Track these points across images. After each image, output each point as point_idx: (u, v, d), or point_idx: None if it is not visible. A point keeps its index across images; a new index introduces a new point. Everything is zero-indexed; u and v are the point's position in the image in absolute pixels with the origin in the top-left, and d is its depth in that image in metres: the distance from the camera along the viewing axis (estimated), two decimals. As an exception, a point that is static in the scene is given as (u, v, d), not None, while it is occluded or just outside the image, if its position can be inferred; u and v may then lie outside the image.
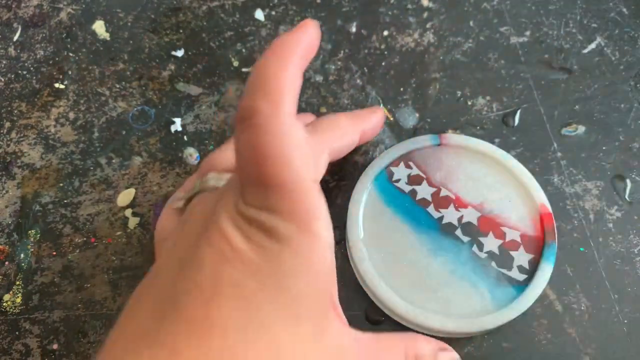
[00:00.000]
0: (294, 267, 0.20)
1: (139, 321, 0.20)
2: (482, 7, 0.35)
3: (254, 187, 0.20)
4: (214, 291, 0.19)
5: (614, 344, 0.26)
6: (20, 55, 0.35)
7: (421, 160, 0.29)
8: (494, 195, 0.28)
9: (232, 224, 0.20)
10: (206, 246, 0.20)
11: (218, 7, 0.36)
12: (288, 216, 0.20)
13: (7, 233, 0.31)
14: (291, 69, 0.21)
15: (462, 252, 0.27)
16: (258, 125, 0.20)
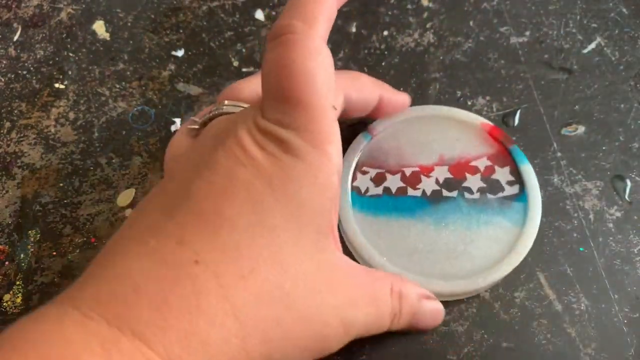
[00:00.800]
0: (303, 179, 0.20)
1: (149, 214, 0.21)
2: (482, 7, 0.35)
3: (275, 101, 0.21)
4: (225, 189, 0.20)
5: (614, 344, 0.26)
6: (20, 55, 0.35)
7: (370, 160, 0.29)
8: (444, 144, 0.29)
9: (249, 133, 0.21)
10: (221, 151, 0.21)
11: (218, 7, 0.36)
12: (304, 134, 0.20)
13: (7, 233, 0.31)
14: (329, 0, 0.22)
15: (460, 207, 0.28)
16: (290, 40, 0.20)
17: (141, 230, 0.20)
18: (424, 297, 0.25)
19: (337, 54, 0.34)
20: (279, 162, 0.20)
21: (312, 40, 0.21)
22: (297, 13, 0.21)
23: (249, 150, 0.21)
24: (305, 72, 0.20)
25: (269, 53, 0.21)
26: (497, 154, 0.29)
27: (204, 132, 0.25)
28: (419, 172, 0.28)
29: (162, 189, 0.22)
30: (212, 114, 0.26)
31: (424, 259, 0.27)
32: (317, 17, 0.21)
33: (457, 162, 0.29)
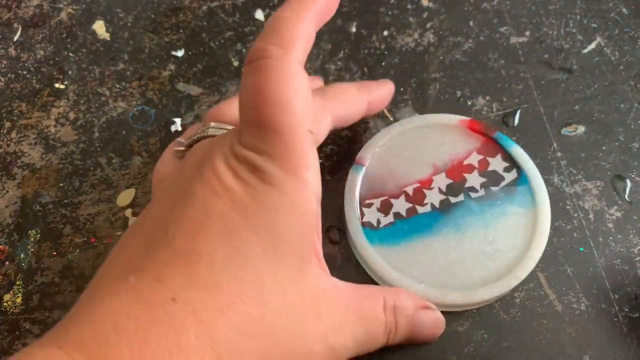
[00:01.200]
0: (279, 207, 0.20)
1: (130, 250, 0.21)
2: (482, 7, 0.35)
3: (251, 127, 0.21)
4: (202, 223, 0.20)
5: (614, 344, 0.26)
6: (20, 55, 0.35)
7: (370, 191, 0.29)
8: (432, 153, 0.29)
9: (224, 161, 0.21)
10: (198, 182, 0.21)
11: (218, 7, 0.36)
12: (279, 161, 0.20)
13: (7, 233, 0.31)
14: (307, 21, 0.21)
15: (471, 208, 0.28)
16: (265, 66, 0.20)
17: (122, 266, 0.20)
18: (422, 308, 0.25)
19: (337, 54, 0.34)
20: (254, 192, 0.20)
21: (288, 65, 0.20)
22: (273, 37, 0.21)
23: (224, 179, 0.20)
24: (281, 98, 0.20)
25: (245, 78, 0.21)
26: (484, 146, 0.29)
27: (187, 156, 0.25)
28: (420, 187, 0.28)
29: (141, 219, 0.23)
30: (197, 136, 0.26)
31: (460, 270, 0.26)
32: (293, 40, 0.21)
33: (451, 166, 0.29)
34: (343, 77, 0.33)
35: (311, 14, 0.22)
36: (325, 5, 0.22)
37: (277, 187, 0.20)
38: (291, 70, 0.20)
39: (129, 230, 0.23)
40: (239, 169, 0.21)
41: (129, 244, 0.22)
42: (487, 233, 0.27)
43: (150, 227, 0.21)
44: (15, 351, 0.28)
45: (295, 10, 0.21)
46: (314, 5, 0.22)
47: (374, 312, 0.23)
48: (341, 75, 0.33)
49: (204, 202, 0.20)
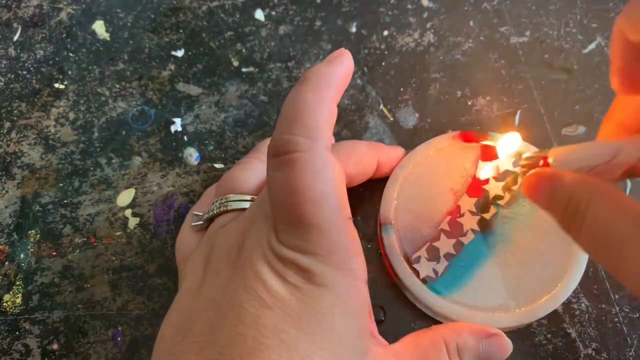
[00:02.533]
0: (333, 310, 0.19)
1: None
2: (482, 7, 0.35)
3: (289, 225, 0.20)
4: (257, 341, 0.19)
5: (614, 344, 0.26)
6: (20, 55, 0.35)
7: (411, 245, 0.27)
8: (445, 179, 0.29)
9: (267, 264, 0.20)
10: (243, 290, 0.20)
11: (218, 7, 0.36)
12: (325, 258, 0.19)
13: (7, 233, 0.31)
14: (330, 101, 0.20)
15: (506, 216, 0.27)
16: (295, 161, 0.19)
17: None
18: (486, 337, 0.24)
19: (337, 54, 0.34)
20: (305, 297, 0.19)
21: (319, 156, 0.19)
22: (297, 126, 0.20)
23: (271, 286, 0.19)
24: (317, 194, 0.19)
25: (275, 173, 0.20)
26: (485, 152, 0.29)
27: (212, 241, 0.23)
28: (452, 218, 0.28)
29: (186, 326, 0.21)
30: (217, 210, 0.25)
31: (533, 280, 0.26)
32: (320, 127, 0.20)
33: (467, 184, 0.28)
34: (343, 77, 0.33)
35: (332, 92, 0.21)
36: (344, 78, 0.21)
37: (328, 287, 0.19)
38: (323, 160, 0.19)
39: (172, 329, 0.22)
40: (285, 273, 0.20)
41: (178, 355, 0.20)
42: (533, 233, 0.27)
43: (200, 341, 0.20)
44: (15, 351, 0.28)
45: (315, 92, 0.20)
46: (334, 82, 0.21)
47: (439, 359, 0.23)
48: (341, 75, 0.33)
49: (255, 316, 0.19)
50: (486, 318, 0.26)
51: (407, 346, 0.23)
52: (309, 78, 0.21)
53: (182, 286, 0.23)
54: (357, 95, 0.33)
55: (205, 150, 0.32)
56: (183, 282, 0.24)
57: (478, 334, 0.24)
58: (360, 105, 0.32)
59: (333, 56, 0.21)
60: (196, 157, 0.32)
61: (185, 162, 0.32)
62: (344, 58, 0.21)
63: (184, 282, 0.23)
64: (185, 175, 0.31)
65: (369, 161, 0.27)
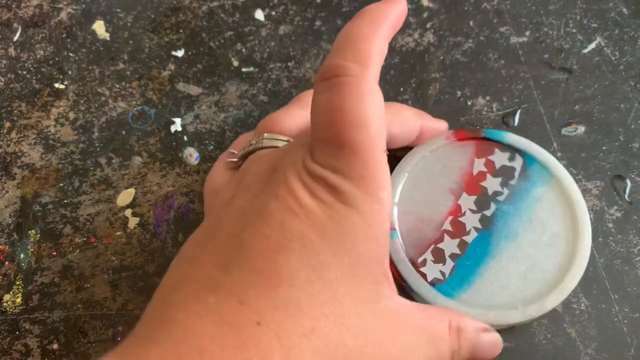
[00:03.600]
0: (358, 229, 0.20)
1: (201, 267, 0.20)
2: (482, 7, 0.35)
3: (326, 146, 0.20)
4: (281, 243, 0.20)
5: (614, 344, 0.26)
6: (20, 55, 0.35)
7: (416, 249, 0.27)
8: (442, 180, 0.28)
9: (299, 179, 0.20)
10: (273, 199, 0.20)
11: (218, 7, 0.36)
12: (357, 181, 0.20)
13: (7, 233, 0.31)
14: (383, 35, 0.21)
15: (508, 212, 0.28)
16: (344, 83, 0.20)
17: (197, 284, 0.20)
18: (482, 330, 0.24)
19: (337, 54, 0.34)
20: (332, 212, 0.20)
21: (366, 83, 0.20)
22: (350, 52, 0.20)
23: (301, 198, 0.20)
24: (360, 118, 0.20)
25: (320, 94, 0.20)
26: (479, 148, 0.29)
27: (246, 167, 0.24)
28: (454, 218, 0.28)
29: (210, 234, 0.22)
30: (252, 147, 0.25)
31: (540, 273, 0.26)
32: (371, 57, 0.20)
33: (465, 182, 0.28)
34: (343, 77, 0.33)
35: (386, 27, 0.21)
36: (399, 16, 0.22)
37: (356, 208, 0.20)
38: (370, 88, 0.20)
39: (193, 241, 0.22)
40: (316, 188, 0.20)
41: (199, 257, 0.21)
42: (534, 225, 0.27)
43: (222, 242, 0.21)
44: (15, 351, 0.28)
45: (370, 25, 0.21)
46: (389, 18, 0.21)
47: (442, 332, 0.23)
48: (341, 75, 0.33)
49: (282, 222, 0.20)
50: (498, 316, 0.26)
51: (415, 306, 0.23)
52: (365, 12, 0.21)
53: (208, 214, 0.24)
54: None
55: (205, 150, 0.32)
56: (210, 209, 0.24)
57: (477, 325, 0.24)
58: (360, 105, 0.32)
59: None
60: (196, 157, 0.32)
61: (185, 162, 0.32)
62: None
63: (212, 208, 0.24)
64: (185, 175, 0.31)
65: (413, 125, 0.28)
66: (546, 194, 0.28)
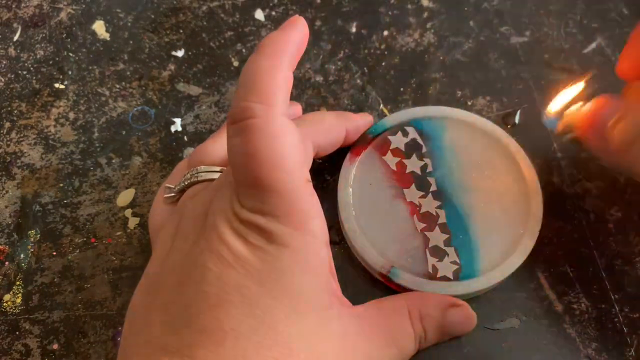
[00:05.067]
0: (293, 267, 0.20)
1: (151, 332, 0.21)
2: (482, 7, 0.35)
3: (248, 189, 0.20)
4: (220, 298, 0.20)
5: (614, 344, 0.26)
6: (20, 55, 0.35)
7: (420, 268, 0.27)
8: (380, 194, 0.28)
9: (230, 227, 0.21)
10: (207, 252, 0.21)
11: (218, 7, 0.36)
12: (284, 219, 0.20)
13: (7, 233, 0.31)
14: (283, 68, 0.21)
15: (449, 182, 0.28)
16: (251, 127, 0.20)
17: (149, 346, 0.20)
18: (450, 307, 0.25)
19: (337, 54, 0.34)
20: (265, 256, 0.20)
21: (274, 121, 0.20)
22: (253, 93, 0.20)
23: (233, 247, 0.20)
24: (273, 157, 0.20)
25: (232, 139, 0.21)
26: (377, 147, 0.29)
27: (182, 207, 0.24)
28: (417, 213, 0.27)
29: (154, 289, 0.22)
30: (187, 182, 0.25)
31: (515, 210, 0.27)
32: (274, 93, 0.20)
33: (396, 181, 0.28)
34: (343, 77, 0.33)
35: (286, 59, 0.21)
36: (298, 45, 0.22)
37: (287, 246, 0.20)
38: (278, 125, 0.20)
39: (141, 295, 0.23)
40: (246, 234, 0.20)
41: (148, 317, 0.21)
42: (470, 164, 0.28)
43: (166, 301, 0.21)
44: (15, 351, 0.28)
45: (269, 58, 0.21)
46: (287, 48, 0.21)
47: (402, 327, 0.23)
48: (341, 75, 0.33)
49: (219, 276, 0.20)
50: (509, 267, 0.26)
51: (370, 309, 0.23)
52: (263, 46, 0.21)
53: (152, 256, 0.24)
54: (357, 95, 0.33)
55: (205, 150, 0.32)
56: (154, 252, 0.24)
57: (441, 304, 0.25)
58: (360, 105, 0.32)
59: (287, 23, 0.22)
60: (196, 157, 0.32)
61: (185, 162, 0.32)
62: (298, 24, 0.22)
63: (155, 252, 0.24)
64: (185, 175, 0.31)
65: (338, 130, 0.28)
66: (452, 134, 0.29)
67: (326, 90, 0.33)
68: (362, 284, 0.28)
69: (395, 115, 0.30)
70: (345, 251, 0.28)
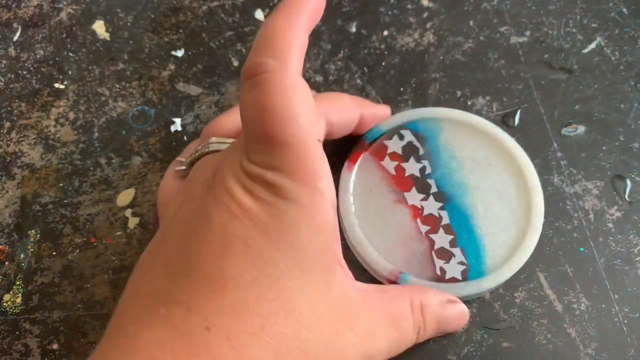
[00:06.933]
0: (299, 222, 0.20)
1: (152, 281, 0.21)
2: (482, 7, 0.35)
3: (258, 144, 0.20)
4: (224, 247, 0.20)
5: (614, 344, 0.26)
6: (20, 55, 0.35)
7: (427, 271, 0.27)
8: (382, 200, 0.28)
9: (237, 181, 0.21)
10: (213, 204, 0.21)
11: (218, 7, 0.36)
12: (293, 174, 0.20)
13: (7, 233, 0.31)
14: (299, 28, 0.21)
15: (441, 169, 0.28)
16: (265, 81, 0.20)
17: (148, 296, 0.20)
18: (447, 302, 0.25)
19: (337, 54, 0.34)
20: (272, 209, 0.20)
21: (287, 77, 0.20)
22: (268, 49, 0.20)
23: (241, 200, 0.20)
24: (286, 112, 0.20)
25: (245, 94, 0.21)
26: (375, 153, 0.29)
27: (192, 175, 0.24)
28: (420, 216, 0.27)
29: (158, 246, 0.22)
30: (198, 153, 0.25)
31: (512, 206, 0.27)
32: (289, 51, 0.20)
33: (396, 185, 0.28)
34: (343, 77, 0.33)
35: (302, 20, 0.21)
36: (315, 8, 0.22)
37: (294, 201, 0.20)
38: (292, 81, 0.20)
39: (146, 255, 0.23)
40: (254, 188, 0.20)
41: (150, 271, 0.21)
42: (468, 163, 0.28)
43: (170, 254, 0.21)
44: (15, 351, 0.28)
45: (286, 18, 0.21)
46: (304, 10, 0.21)
47: (403, 312, 0.23)
48: (341, 75, 0.33)
49: (223, 226, 0.20)
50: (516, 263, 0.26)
51: (372, 288, 0.23)
52: (281, 6, 0.21)
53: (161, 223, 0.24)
54: (357, 95, 0.33)
55: (205, 150, 0.32)
56: (163, 219, 0.24)
57: (440, 297, 0.25)
58: (360, 105, 0.32)
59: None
60: (196, 157, 0.32)
61: (185, 162, 0.32)
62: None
63: (164, 217, 0.24)
64: (185, 175, 0.31)
65: (352, 112, 0.28)
66: (448, 134, 0.29)
67: (326, 90, 0.33)
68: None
69: (391, 120, 0.29)
70: (349, 259, 0.28)
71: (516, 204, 0.27)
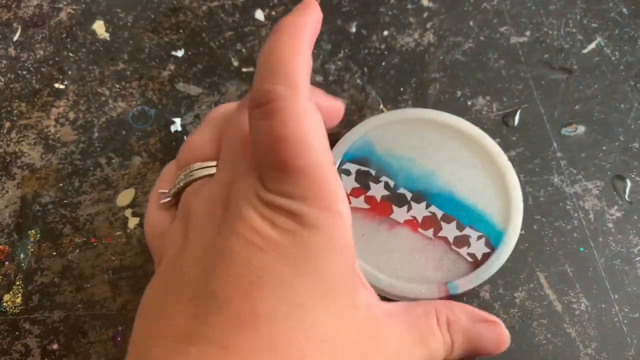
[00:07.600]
0: (323, 248, 0.20)
1: (173, 320, 0.20)
2: (482, 7, 0.35)
3: (276, 173, 0.20)
4: (252, 281, 0.19)
5: (613, 344, 0.26)
6: (20, 55, 0.35)
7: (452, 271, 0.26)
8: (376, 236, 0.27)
9: (256, 212, 0.20)
10: (232, 237, 0.20)
11: (218, 7, 0.36)
12: (313, 201, 0.20)
13: (7, 233, 0.31)
14: (304, 49, 0.21)
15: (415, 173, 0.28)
16: (278, 109, 0.20)
17: (174, 337, 0.19)
18: (480, 321, 0.24)
19: (337, 54, 0.34)
20: (296, 238, 0.20)
21: (299, 103, 0.20)
22: (276, 75, 0.20)
23: (263, 231, 0.20)
24: (301, 139, 0.20)
25: (257, 122, 0.20)
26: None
27: (186, 207, 0.23)
28: (417, 224, 0.27)
29: (172, 284, 0.21)
30: (183, 183, 0.24)
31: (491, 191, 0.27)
32: (297, 75, 0.20)
33: (378, 212, 0.28)
34: (343, 77, 0.33)
35: (306, 39, 0.21)
36: (315, 26, 0.22)
37: (317, 227, 0.20)
38: (304, 107, 0.20)
39: (155, 292, 0.22)
40: (275, 217, 0.20)
41: (166, 311, 0.20)
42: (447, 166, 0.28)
43: (190, 292, 0.20)
44: (15, 351, 0.28)
45: (289, 39, 0.21)
46: (306, 29, 0.21)
47: (431, 330, 0.23)
48: (341, 75, 0.33)
49: (247, 259, 0.19)
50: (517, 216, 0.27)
51: (398, 307, 0.23)
52: (282, 28, 0.21)
53: (161, 260, 0.23)
54: (357, 95, 0.33)
55: (205, 150, 0.32)
56: (162, 255, 0.23)
57: (470, 313, 0.24)
58: (360, 105, 0.32)
59: (302, 6, 0.22)
60: (196, 157, 0.32)
61: (185, 162, 0.32)
62: (312, 7, 0.22)
63: (165, 253, 0.23)
64: (185, 175, 0.31)
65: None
66: (378, 142, 0.29)
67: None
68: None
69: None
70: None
71: (478, 160, 0.28)
